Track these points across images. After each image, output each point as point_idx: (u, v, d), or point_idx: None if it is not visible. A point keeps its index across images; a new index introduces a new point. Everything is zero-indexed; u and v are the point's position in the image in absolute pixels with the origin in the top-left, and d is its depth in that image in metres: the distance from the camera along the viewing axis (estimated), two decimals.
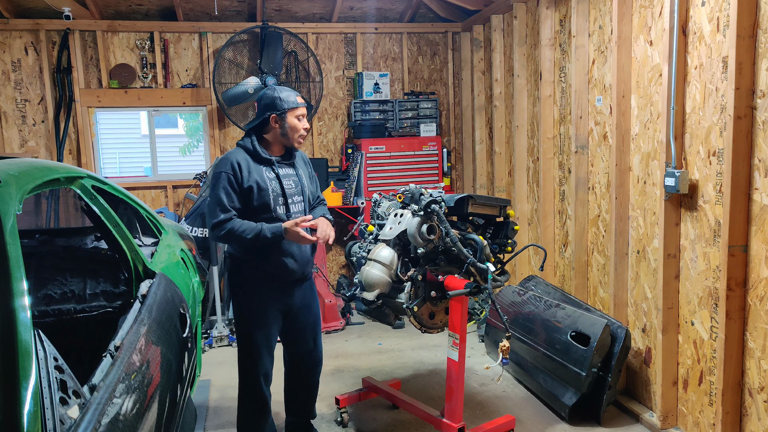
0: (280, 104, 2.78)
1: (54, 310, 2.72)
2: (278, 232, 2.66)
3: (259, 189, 2.73)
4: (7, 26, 5.02)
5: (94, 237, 3.01)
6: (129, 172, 5.88)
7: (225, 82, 5.39)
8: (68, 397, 1.38)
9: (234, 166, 2.71)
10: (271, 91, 2.81)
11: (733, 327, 2.69)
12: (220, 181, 2.70)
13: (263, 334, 2.86)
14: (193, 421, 2.57)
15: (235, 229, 2.65)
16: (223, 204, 2.67)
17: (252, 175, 2.73)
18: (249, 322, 2.85)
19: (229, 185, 2.69)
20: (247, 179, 2.71)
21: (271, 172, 2.80)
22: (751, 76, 2.57)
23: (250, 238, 2.64)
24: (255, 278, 2.82)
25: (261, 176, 2.75)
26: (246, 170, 2.72)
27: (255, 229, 2.66)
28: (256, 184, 2.72)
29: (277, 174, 2.81)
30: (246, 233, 2.65)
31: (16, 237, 1.45)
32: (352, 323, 5.24)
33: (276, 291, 2.85)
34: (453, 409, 2.97)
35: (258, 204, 2.73)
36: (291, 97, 2.80)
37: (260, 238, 2.65)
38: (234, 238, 2.68)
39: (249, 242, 2.66)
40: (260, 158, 2.78)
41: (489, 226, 3.22)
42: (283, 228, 2.66)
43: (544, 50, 4.38)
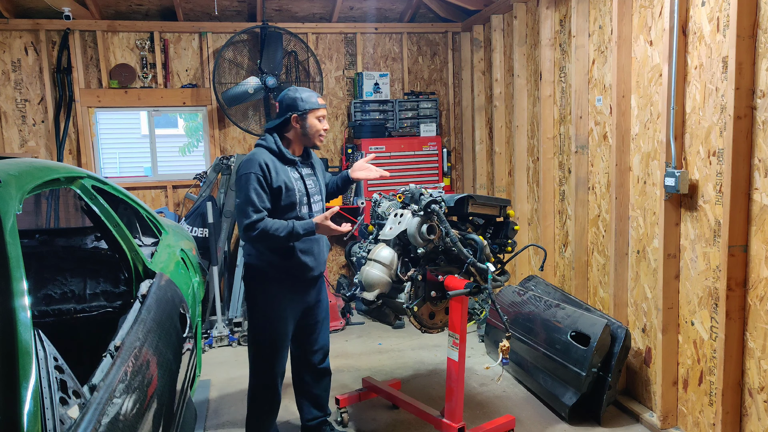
0: (301, 104, 2.84)
1: (54, 310, 2.72)
2: (310, 228, 2.73)
3: (287, 189, 2.79)
4: (7, 26, 5.02)
5: (94, 237, 3.01)
6: (129, 172, 5.88)
7: (225, 82, 5.39)
8: (68, 397, 1.38)
9: (263, 166, 2.75)
10: (293, 92, 2.88)
11: (733, 327, 2.69)
12: (251, 182, 2.73)
13: (282, 333, 2.92)
14: (193, 421, 2.57)
15: (267, 228, 2.69)
16: (255, 204, 2.70)
17: (280, 176, 2.78)
18: (269, 321, 2.89)
19: (259, 186, 2.73)
20: (275, 179, 2.76)
21: (295, 172, 2.88)
22: (751, 76, 2.57)
23: (283, 236, 2.70)
24: (275, 279, 2.87)
25: (287, 176, 2.82)
26: (274, 171, 2.77)
27: (287, 227, 2.71)
28: (284, 185, 2.78)
29: (301, 174, 2.89)
30: (279, 231, 2.70)
31: (16, 237, 1.45)
32: (352, 323, 5.24)
33: (295, 290, 2.93)
34: (453, 409, 2.97)
35: (285, 203, 2.80)
36: (312, 98, 2.87)
37: (293, 235, 2.71)
38: (267, 237, 2.71)
39: (282, 240, 2.72)
40: (285, 159, 2.85)
41: (489, 226, 3.22)
42: (315, 223, 2.73)
43: (544, 50, 4.38)
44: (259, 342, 2.94)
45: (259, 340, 2.93)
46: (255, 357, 2.96)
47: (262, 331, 2.91)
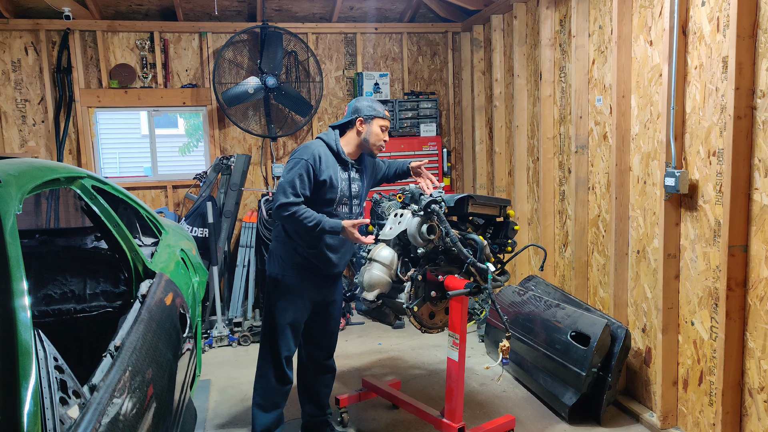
0: (369, 110, 2.98)
1: (54, 310, 2.72)
2: (336, 228, 2.81)
3: (330, 185, 2.89)
4: (7, 26, 5.02)
5: (94, 237, 3.01)
6: (129, 172, 5.87)
7: (225, 82, 5.39)
8: (68, 397, 1.38)
9: (315, 156, 2.86)
10: (363, 99, 3.03)
11: (733, 327, 2.69)
12: (299, 167, 2.83)
13: (294, 317, 3.00)
14: (193, 421, 2.57)
15: (299, 214, 2.78)
16: (296, 188, 2.81)
17: (328, 170, 2.89)
18: (284, 302, 2.98)
19: (306, 173, 2.83)
20: (323, 172, 2.86)
21: (345, 173, 2.98)
22: (751, 76, 2.57)
23: (310, 225, 2.78)
24: (301, 265, 2.97)
25: (336, 174, 2.92)
26: (324, 164, 2.88)
27: (316, 219, 2.80)
28: (329, 180, 2.88)
29: (349, 176, 2.99)
30: (308, 220, 2.78)
31: (16, 237, 1.45)
32: (352, 323, 5.24)
33: (314, 282, 3.02)
34: (453, 409, 2.97)
35: (325, 198, 2.90)
36: (380, 108, 3.02)
37: (318, 228, 2.80)
38: (295, 221, 2.81)
39: (307, 229, 2.80)
40: (339, 158, 2.96)
41: (489, 226, 3.22)
42: (342, 226, 2.80)
43: (544, 50, 4.38)
44: (269, 320, 3.01)
45: (270, 317, 3.01)
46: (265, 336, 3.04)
47: (279, 312, 2.98)
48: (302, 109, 5.48)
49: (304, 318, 3.06)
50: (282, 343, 3.00)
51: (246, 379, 3.04)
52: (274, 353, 3.01)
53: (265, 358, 3.05)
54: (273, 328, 3.01)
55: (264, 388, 3.04)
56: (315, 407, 3.23)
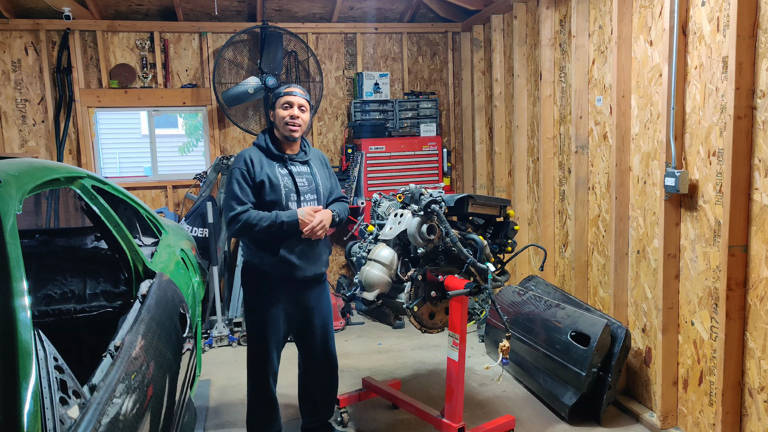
0: (272, 98, 2.91)
1: (54, 310, 2.72)
2: (294, 217, 2.73)
3: (270, 184, 2.80)
4: (7, 26, 5.02)
5: (94, 237, 3.01)
6: (129, 172, 5.88)
7: (225, 82, 5.39)
8: (68, 397, 1.38)
9: (247, 161, 2.80)
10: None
11: (733, 327, 2.69)
12: (234, 177, 2.79)
13: (273, 334, 2.90)
14: (193, 421, 2.57)
15: (251, 219, 2.71)
16: (238, 197, 2.75)
17: (264, 170, 2.81)
18: (259, 321, 2.89)
19: (242, 179, 2.77)
20: (259, 174, 2.79)
21: (283, 169, 2.87)
22: (751, 76, 2.57)
23: (266, 225, 2.71)
24: (267, 278, 2.86)
25: (273, 172, 2.83)
26: (258, 165, 2.81)
27: (271, 216, 2.72)
28: (267, 179, 2.79)
29: (290, 171, 2.88)
30: (263, 221, 2.71)
31: (16, 237, 1.45)
32: (352, 323, 5.24)
33: (287, 291, 2.90)
34: (453, 409, 2.97)
35: (270, 199, 2.80)
36: (281, 89, 2.89)
37: (276, 223, 2.71)
38: (250, 229, 2.72)
39: (265, 230, 2.71)
40: (272, 155, 2.87)
41: (489, 226, 3.22)
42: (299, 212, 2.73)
43: (544, 50, 4.38)
44: (252, 341, 2.94)
45: (252, 339, 2.94)
46: (249, 356, 2.97)
47: (255, 329, 2.92)
48: None
49: (283, 332, 2.94)
50: (265, 363, 2.91)
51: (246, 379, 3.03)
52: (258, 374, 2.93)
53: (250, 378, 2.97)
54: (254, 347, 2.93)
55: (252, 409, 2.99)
56: (313, 412, 3.17)
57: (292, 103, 2.85)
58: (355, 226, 3.64)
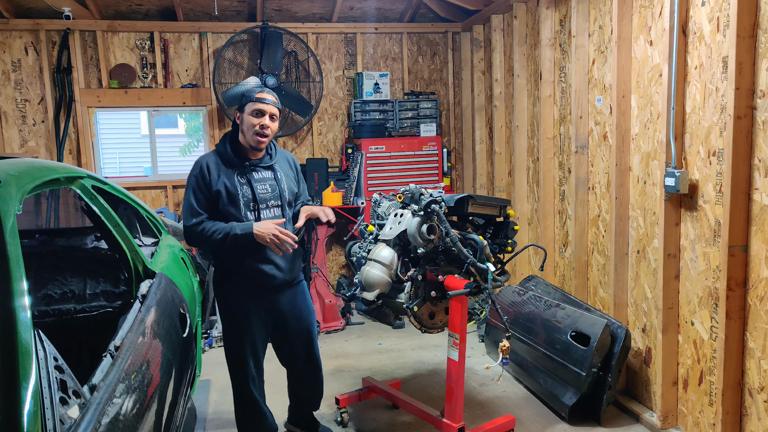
0: (241, 99, 2.70)
1: (54, 310, 2.72)
2: (248, 230, 2.59)
3: (227, 193, 2.66)
4: (7, 26, 5.02)
5: (94, 237, 3.01)
6: (129, 172, 5.88)
7: (225, 82, 5.39)
8: (68, 397, 1.38)
9: (203, 168, 2.67)
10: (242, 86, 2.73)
11: (733, 327, 2.69)
12: (190, 185, 2.68)
13: (247, 340, 2.83)
14: (193, 421, 2.57)
15: (205, 231, 2.62)
16: (194, 207, 2.65)
17: (221, 179, 2.66)
18: (233, 328, 2.84)
19: (198, 188, 2.66)
20: (215, 182, 2.65)
21: (242, 177, 2.71)
22: (751, 76, 2.57)
23: (219, 238, 2.60)
24: (237, 285, 2.79)
25: (231, 180, 2.67)
26: (215, 173, 2.66)
27: (225, 229, 2.61)
28: (224, 188, 2.65)
29: (249, 179, 2.72)
30: (216, 233, 2.60)
31: (16, 237, 1.45)
32: (352, 323, 5.24)
33: (258, 297, 2.80)
34: (453, 409, 2.97)
35: (225, 209, 2.67)
36: (253, 91, 2.68)
37: (230, 236, 2.60)
38: (205, 240, 2.65)
39: (219, 242, 2.61)
40: (230, 161, 2.71)
41: (489, 226, 3.22)
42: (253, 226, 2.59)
43: (544, 50, 4.38)
44: (228, 347, 2.90)
45: (227, 345, 2.90)
46: (227, 362, 2.93)
47: (229, 336, 2.87)
48: (302, 109, 5.48)
49: (260, 341, 2.86)
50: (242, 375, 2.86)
51: None
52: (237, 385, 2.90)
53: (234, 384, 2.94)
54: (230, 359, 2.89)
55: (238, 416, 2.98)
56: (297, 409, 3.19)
57: (264, 112, 2.66)
58: (355, 226, 3.63)
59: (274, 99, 2.72)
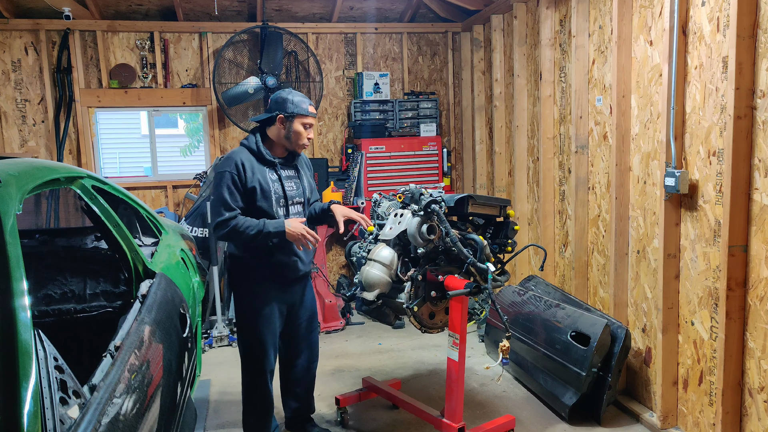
0: (291, 107, 2.81)
1: (54, 310, 2.72)
2: (280, 228, 2.70)
3: (261, 190, 2.77)
4: (7, 26, 5.02)
5: (94, 237, 3.01)
6: (129, 172, 5.87)
7: (225, 82, 5.39)
8: (68, 397, 1.38)
9: (238, 165, 2.75)
10: (286, 93, 2.86)
11: (733, 327, 2.69)
12: (224, 181, 2.74)
13: (269, 331, 2.92)
14: (193, 421, 2.57)
15: (238, 226, 2.69)
16: (227, 203, 2.72)
17: (255, 176, 2.77)
18: (255, 319, 2.90)
19: (232, 184, 2.73)
20: (250, 179, 2.75)
21: (273, 174, 2.85)
22: (751, 76, 2.57)
23: (253, 233, 2.69)
24: (260, 276, 2.86)
25: (264, 177, 2.80)
26: (250, 170, 2.76)
27: (258, 225, 2.70)
28: (258, 185, 2.77)
29: (280, 176, 2.86)
30: (250, 229, 2.69)
31: (16, 237, 1.45)
32: (352, 323, 5.24)
33: (280, 289, 2.92)
34: (453, 409, 2.97)
35: (260, 205, 2.78)
36: (303, 104, 2.84)
37: (263, 233, 2.69)
38: (237, 235, 2.72)
39: (251, 238, 2.70)
40: (264, 159, 2.83)
41: (489, 226, 3.22)
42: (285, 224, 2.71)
43: (544, 50, 4.38)
44: (247, 340, 2.95)
45: (248, 339, 2.95)
46: (245, 355, 2.99)
47: (250, 329, 2.92)
48: None
49: (278, 328, 2.97)
50: (263, 361, 2.93)
51: None
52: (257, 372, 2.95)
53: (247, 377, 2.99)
54: (250, 346, 2.94)
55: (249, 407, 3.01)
56: (298, 405, 3.22)
57: (312, 125, 2.88)
58: (355, 226, 3.64)
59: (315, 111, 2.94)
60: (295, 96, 2.84)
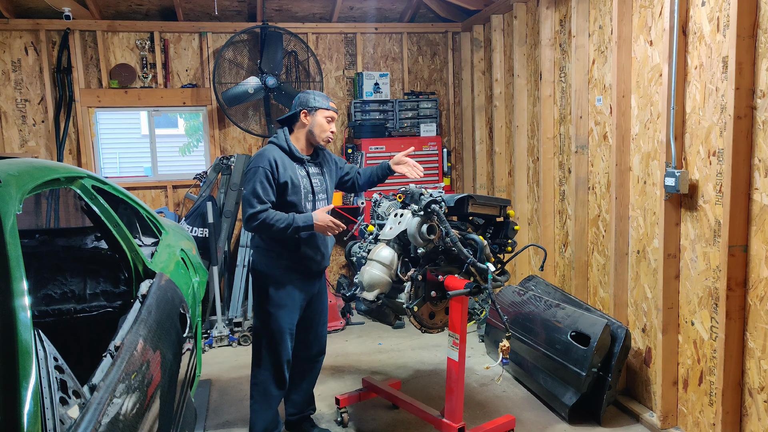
0: (312, 102, 3.00)
1: (54, 310, 2.72)
2: (309, 221, 2.84)
3: (292, 185, 2.92)
4: (7, 26, 5.02)
5: (94, 237, 3.01)
6: (129, 172, 5.87)
7: (225, 82, 5.39)
8: (68, 397, 1.38)
9: (271, 162, 2.89)
10: (309, 92, 3.05)
11: (733, 327, 2.69)
12: (258, 175, 2.86)
13: (289, 321, 3.02)
14: (193, 421, 2.57)
15: (269, 219, 2.81)
16: (260, 196, 2.84)
17: (287, 172, 2.91)
18: (277, 309, 2.99)
19: (266, 179, 2.86)
20: (282, 175, 2.89)
21: (302, 170, 3.00)
22: (751, 76, 2.57)
23: (283, 226, 2.82)
24: (285, 269, 2.99)
25: (294, 173, 2.95)
26: (282, 167, 2.90)
27: (288, 219, 2.83)
28: (290, 180, 2.91)
29: (308, 172, 3.01)
30: (280, 222, 2.81)
31: (16, 237, 1.45)
32: (352, 323, 5.24)
33: (303, 281, 3.05)
34: (453, 409, 2.97)
35: (290, 199, 2.92)
36: (324, 99, 3.04)
37: (292, 226, 2.82)
38: (267, 228, 2.83)
39: (281, 231, 2.83)
40: (294, 156, 2.98)
41: (489, 226, 3.22)
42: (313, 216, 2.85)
43: (544, 50, 4.38)
44: (268, 330, 3.01)
45: (268, 328, 3.01)
46: (260, 341, 3.04)
47: (272, 319, 2.99)
48: None
49: (296, 319, 3.07)
50: (282, 349, 3.00)
51: (246, 379, 3.05)
52: (275, 360, 3.01)
53: (262, 365, 3.03)
54: (270, 334, 3.00)
55: (262, 395, 3.04)
56: (301, 401, 3.27)
57: (334, 119, 3.05)
58: (355, 226, 3.64)
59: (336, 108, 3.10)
60: (317, 94, 3.03)
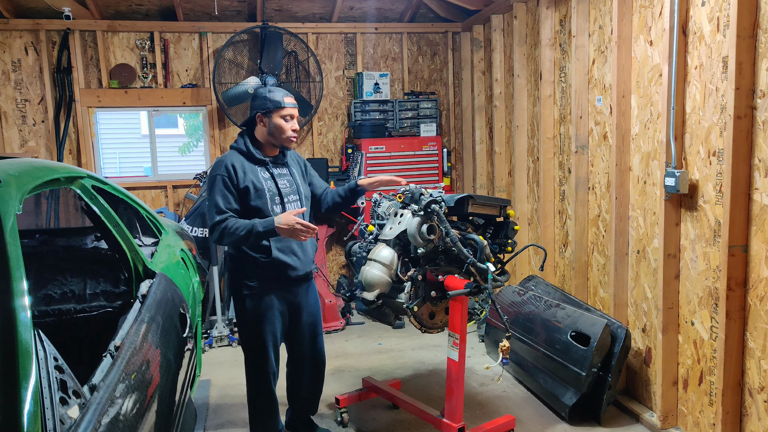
0: (265, 104, 2.81)
1: (54, 310, 2.72)
2: (270, 226, 2.64)
3: (255, 189, 2.78)
4: (7, 26, 5.02)
5: (94, 237, 3.01)
6: (129, 172, 5.88)
7: (225, 82, 5.39)
8: (68, 397, 1.38)
9: (229, 168, 2.76)
10: (263, 90, 2.86)
11: (733, 327, 2.69)
12: (216, 184, 2.75)
13: (270, 333, 2.89)
14: (193, 421, 2.57)
15: (229, 228, 2.67)
16: (219, 206, 2.72)
17: (247, 176, 2.78)
18: (255, 321, 2.88)
19: (224, 187, 2.73)
20: (242, 180, 2.76)
21: (265, 173, 2.85)
22: (751, 76, 2.57)
23: (243, 234, 2.66)
24: (260, 277, 2.85)
25: (256, 177, 2.80)
26: (241, 171, 2.77)
27: (248, 225, 2.67)
28: (252, 185, 2.77)
29: (272, 174, 2.86)
30: (239, 230, 2.66)
31: (16, 237, 1.45)
32: (352, 323, 5.24)
33: (280, 290, 2.90)
34: (453, 409, 2.97)
35: (255, 204, 2.78)
36: (278, 97, 2.81)
37: (253, 233, 2.66)
38: (229, 237, 2.70)
39: (243, 239, 2.69)
40: (254, 159, 2.84)
41: (489, 226, 3.22)
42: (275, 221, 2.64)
43: (544, 50, 4.38)
44: (248, 342, 2.93)
45: (248, 341, 2.93)
46: (245, 354, 2.97)
47: (251, 331, 2.90)
48: (302, 109, 5.47)
49: (280, 328, 2.94)
50: (264, 363, 2.90)
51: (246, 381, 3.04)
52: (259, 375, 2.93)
53: (249, 381, 2.97)
54: (250, 349, 2.93)
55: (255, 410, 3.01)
56: (300, 405, 3.22)
57: (293, 116, 2.85)
58: (355, 226, 3.64)
59: (294, 101, 2.88)
60: (271, 92, 2.82)
